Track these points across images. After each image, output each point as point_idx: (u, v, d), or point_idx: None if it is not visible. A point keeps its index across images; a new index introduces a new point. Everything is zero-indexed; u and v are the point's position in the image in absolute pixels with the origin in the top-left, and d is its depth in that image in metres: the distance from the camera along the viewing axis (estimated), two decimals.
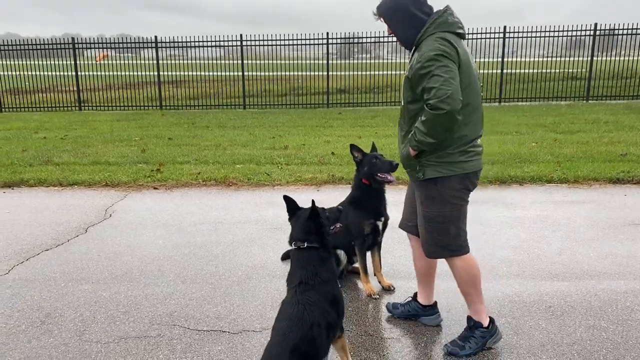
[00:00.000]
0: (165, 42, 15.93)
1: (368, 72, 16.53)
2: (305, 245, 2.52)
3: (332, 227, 2.73)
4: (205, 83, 16.59)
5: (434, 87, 2.49)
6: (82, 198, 6.13)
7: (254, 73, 16.48)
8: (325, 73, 15.71)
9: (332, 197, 6.09)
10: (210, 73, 16.80)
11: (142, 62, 17.29)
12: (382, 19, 2.78)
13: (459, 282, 2.91)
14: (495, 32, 15.19)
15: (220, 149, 8.92)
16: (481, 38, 15.26)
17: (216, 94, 16.19)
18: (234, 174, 6.98)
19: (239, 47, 15.55)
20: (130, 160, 7.95)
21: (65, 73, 15.85)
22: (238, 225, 5.09)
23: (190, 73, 16.77)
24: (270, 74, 16.60)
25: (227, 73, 16.78)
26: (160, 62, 15.72)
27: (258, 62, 16.77)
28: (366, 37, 16.00)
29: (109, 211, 5.59)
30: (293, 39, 15.59)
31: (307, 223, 2.55)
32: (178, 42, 16.01)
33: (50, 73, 16.19)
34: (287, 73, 16.78)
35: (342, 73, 16.49)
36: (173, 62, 17.54)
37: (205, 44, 15.80)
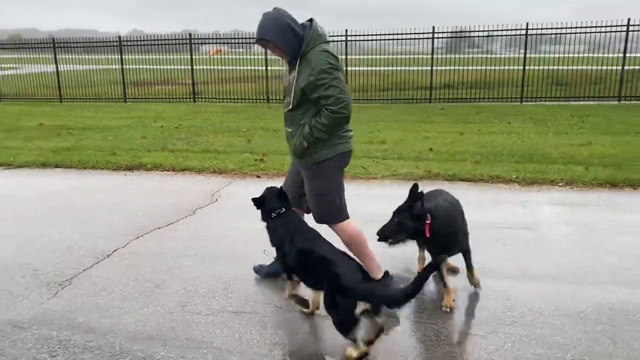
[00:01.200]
0: None
1: (476, 67, 16.02)
2: (283, 210, 3.31)
3: None
4: None
5: (332, 96, 3.06)
6: (192, 183, 6.62)
7: (357, 68, 16.61)
8: (429, 68, 15.47)
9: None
10: None
11: (253, 57, 18.12)
12: (270, 43, 3.20)
13: (352, 246, 3.40)
14: (617, 25, 14.04)
15: None
16: (601, 32, 14.19)
17: None
18: None
19: (343, 42, 15.78)
20: (237, 150, 8.42)
21: (182, 67, 17.01)
22: None
23: None
24: (373, 69, 16.63)
25: None
26: (269, 57, 16.35)
27: (362, 57, 16.86)
28: (476, 31, 15.52)
29: (215, 195, 5.99)
30: (397, 34, 15.51)
31: (277, 200, 3.34)
32: None
33: (169, 67, 17.46)
34: (390, 68, 16.71)
35: (448, 68, 16.13)
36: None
37: None
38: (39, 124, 11.82)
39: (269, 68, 16.34)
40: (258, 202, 3.43)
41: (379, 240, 3.21)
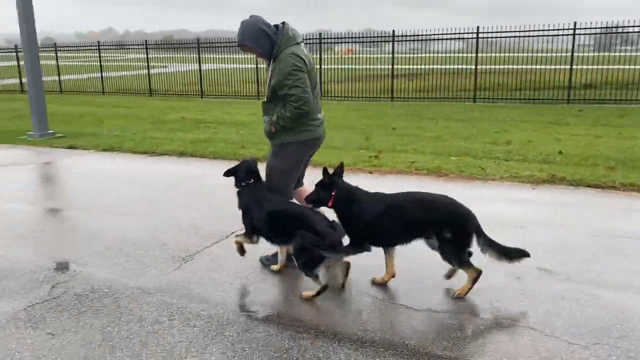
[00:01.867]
0: (402, 36, 16.50)
1: (626, 67, 14.63)
2: (252, 181, 3.92)
3: None
4: (437, 76, 16.72)
5: (294, 95, 3.60)
6: (307, 175, 6.91)
7: (488, 66, 15.99)
8: (568, 67, 14.44)
9: (549, 197, 5.77)
10: (444, 67, 16.85)
11: (383, 56, 18.25)
12: (248, 46, 3.75)
13: None
14: None
15: (440, 140, 9.03)
16: None
17: (447, 86, 16.19)
18: (448, 165, 7.05)
19: (474, 40, 15.29)
20: (353, 146, 8.62)
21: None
22: None
23: (424, 66, 17.08)
24: (506, 67, 15.89)
25: (461, 66, 16.63)
26: (400, 55, 16.37)
27: (494, 54, 16.20)
28: (631, 27, 14.11)
29: None
30: (533, 30, 14.67)
31: (249, 172, 3.94)
32: (415, 35, 16.41)
33: None
34: (524, 67, 15.84)
35: (591, 67, 14.92)
36: (412, 55, 18.08)
37: (441, 36, 15.92)
38: (181, 118, 13.04)
39: (397, 66, 16.37)
40: (229, 171, 4.04)
41: (307, 204, 3.84)
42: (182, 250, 4.41)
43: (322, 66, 17.25)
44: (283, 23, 3.76)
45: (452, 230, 3.40)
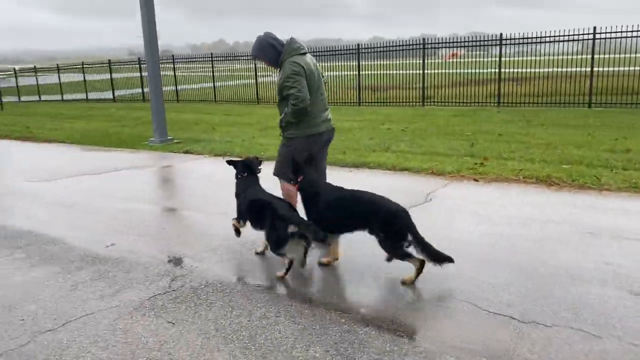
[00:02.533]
0: (510, 39, 15.88)
1: None
2: (246, 174, 4.66)
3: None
4: (548, 80, 15.88)
5: (292, 94, 4.35)
6: (409, 182, 6.92)
7: (606, 69, 14.91)
8: None
9: None
10: (557, 69, 15.96)
11: (489, 59, 17.69)
12: (259, 57, 4.70)
13: (286, 197, 4.69)
14: None
15: (551, 147, 8.60)
16: None
17: (558, 91, 15.32)
18: (558, 173, 6.71)
19: (590, 41, 14.35)
20: (458, 153, 8.46)
21: (416, 72, 17.51)
22: (550, 224, 4.98)
23: (533, 70, 16.30)
24: (626, 69, 14.72)
25: (575, 69, 15.65)
26: (508, 59, 15.78)
27: (612, 56, 15.08)
28: None
29: (430, 196, 6.19)
30: None
31: (244, 166, 4.69)
32: (524, 37, 15.72)
33: (402, 72, 18.16)
34: None
35: None
36: (520, 58, 17.35)
37: (553, 38, 15.12)
38: None
39: (504, 70, 15.79)
40: (231, 162, 4.82)
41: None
42: None
43: (426, 71, 17.07)
44: (291, 38, 4.60)
45: (384, 227, 3.86)
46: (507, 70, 16.20)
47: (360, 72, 18.40)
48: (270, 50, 4.59)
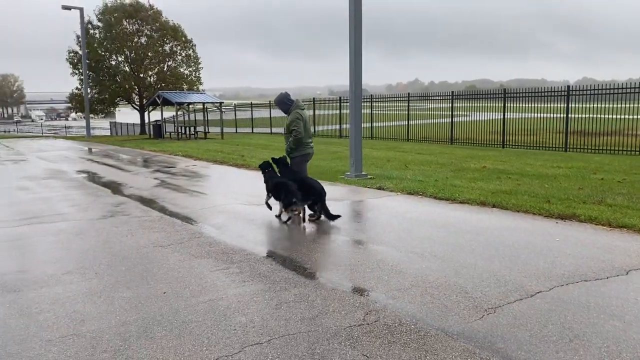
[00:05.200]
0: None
1: None
2: (269, 170, 7.93)
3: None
4: None
5: (295, 129, 7.76)
6: (629, 241, 6.11)
7: None
8: None
9: None
10: None
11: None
12: (277, 106, 8.09)
13: None
14: None
15: None
16: None
17: None
18: None
19: None
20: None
21: (636, 116, 15.62)
22: None
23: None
24: None
25: None
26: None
27: None
28: None
29: None
30: None
31: (268, 165, 7.97)
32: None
33: (619, 116, 16.35)
34: None
35: None
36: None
37: None
38: (482, 167, 13.08)
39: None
40: (260, 165, 7.99)
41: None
42: (484, 301, 4.39)
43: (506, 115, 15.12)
44: (296, 99, 8.10)
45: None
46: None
47: (569, 115, 17.03)
48: (285, 104, 8.02)
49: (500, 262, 5.45)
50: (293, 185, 7.34)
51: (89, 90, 36.73)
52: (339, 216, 7.51)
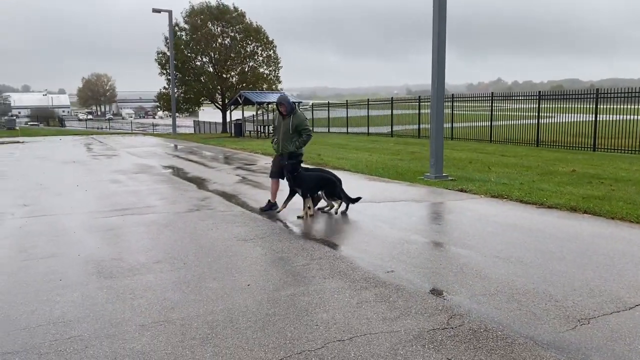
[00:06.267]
0: None
1: None
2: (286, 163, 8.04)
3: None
4: None
5: (307, 128, 8.14)
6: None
7: None
8: None
9: None
10: None
11: None
12: (283, 106, 8.01)
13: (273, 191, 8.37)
14: None
15: None
16: None
17: None
18: None
19: None
20: None
21: None
22: None
23: None
24: None
25: None
26: None
27: None
28: None
29: None
30: None
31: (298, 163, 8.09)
32: None
33: None
34: None
35: None
36: None
37: None
38: (571, 171, 12.40)
39: None
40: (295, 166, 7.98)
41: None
42: (577, 311, 4.15)
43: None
44: (299, 102, 9.60)
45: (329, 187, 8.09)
46: None
47: None
48: (290, 105, 8.03)
49: (594, 271, 5.13)
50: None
51: (175, 90, 38.51)
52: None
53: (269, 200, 8.37)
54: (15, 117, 61.37)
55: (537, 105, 20.37)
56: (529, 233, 6.70)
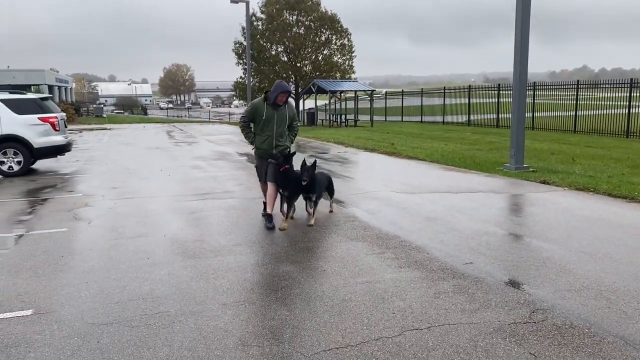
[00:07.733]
0: None
1: None
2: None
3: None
4: None
5: (297, 119, 6.99)
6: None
7: None
8: None
9: None
10: None
11: None
12: (287, 93, 6.63)
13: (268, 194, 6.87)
14: None
15: None
16: None
17: None
18: None
19: None
20: None
21: None
22: None
23: None
24: None
25: None
26: None
27: None
28: None
29: None
30: None
31: (304, 167, 6.63)
32: None
33: None
34: None
35: None
36: None
37: None
38: None
39: None
40: (303, 165, 6.63)
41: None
42: None
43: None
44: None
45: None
46: None
47: None
48: (290, 94, 6.86)
49: None
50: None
51: (250, 79, 39.39)
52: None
53: (269, 213, 6.75)
54: (102, 105, 65.28)
55: (627, 94, 19.05)
56: (618, 228, 6.33)
